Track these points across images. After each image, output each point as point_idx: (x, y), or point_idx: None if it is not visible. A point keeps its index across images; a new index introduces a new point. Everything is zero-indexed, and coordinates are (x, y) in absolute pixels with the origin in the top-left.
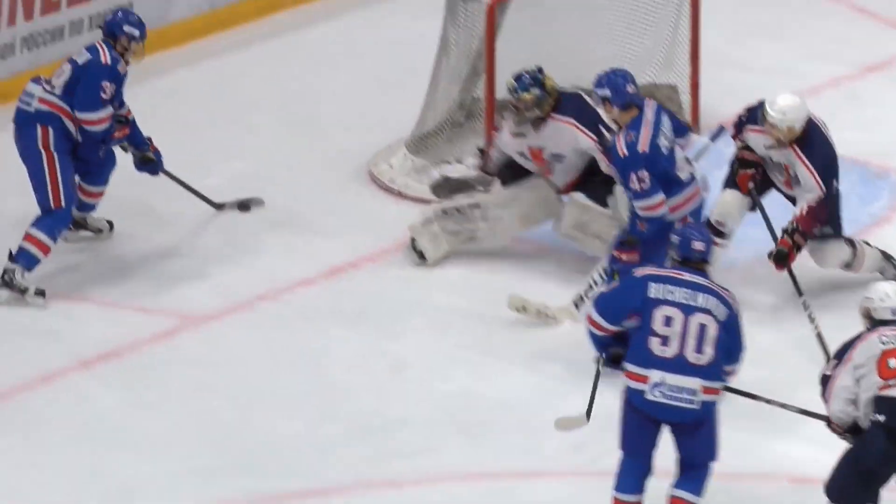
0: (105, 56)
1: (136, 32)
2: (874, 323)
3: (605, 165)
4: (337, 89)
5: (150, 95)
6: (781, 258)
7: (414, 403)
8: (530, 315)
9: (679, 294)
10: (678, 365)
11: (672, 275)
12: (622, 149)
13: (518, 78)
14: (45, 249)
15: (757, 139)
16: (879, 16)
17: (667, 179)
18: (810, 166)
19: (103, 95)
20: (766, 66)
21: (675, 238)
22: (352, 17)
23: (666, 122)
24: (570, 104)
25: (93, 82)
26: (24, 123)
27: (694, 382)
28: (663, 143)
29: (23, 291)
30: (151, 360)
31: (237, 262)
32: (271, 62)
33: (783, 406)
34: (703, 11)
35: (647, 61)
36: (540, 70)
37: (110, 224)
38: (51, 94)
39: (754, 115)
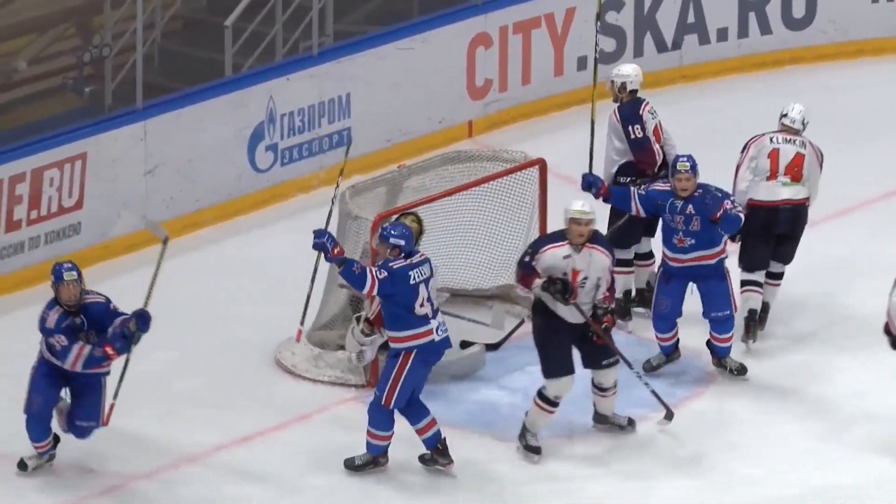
0: (45, 310)
1: (52, 277)
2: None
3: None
4: (245, 296)
5: None
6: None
7: None
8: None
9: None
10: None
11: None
12: None
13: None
14: (31, 441)
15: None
16: None
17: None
18: None
19: (45, 324)
20: None
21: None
22: (257, 234)
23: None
24: None
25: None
26: None
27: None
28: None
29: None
30: None
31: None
32: (193, 273)
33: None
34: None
35: (504, 266)
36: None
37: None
38: None
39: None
